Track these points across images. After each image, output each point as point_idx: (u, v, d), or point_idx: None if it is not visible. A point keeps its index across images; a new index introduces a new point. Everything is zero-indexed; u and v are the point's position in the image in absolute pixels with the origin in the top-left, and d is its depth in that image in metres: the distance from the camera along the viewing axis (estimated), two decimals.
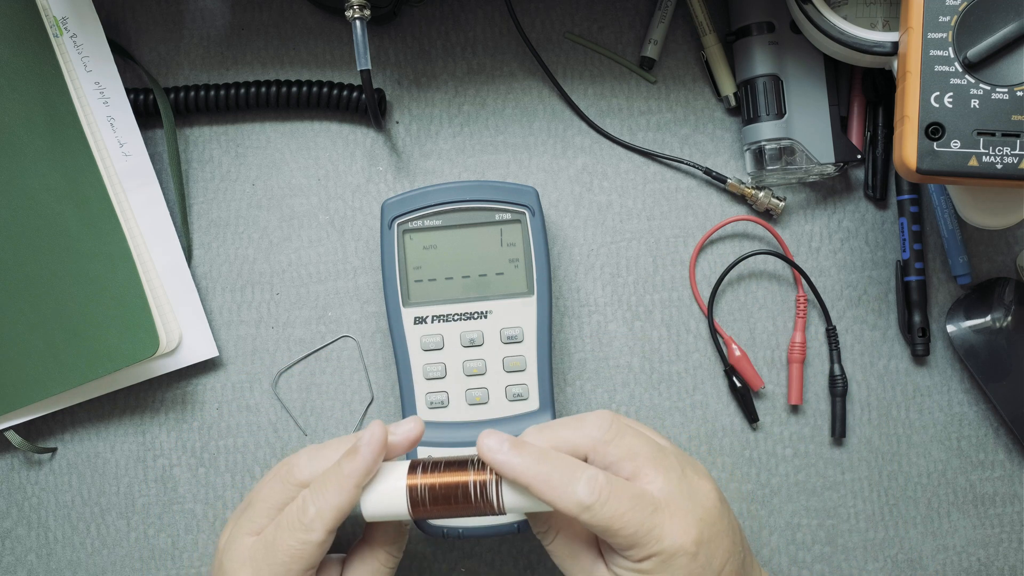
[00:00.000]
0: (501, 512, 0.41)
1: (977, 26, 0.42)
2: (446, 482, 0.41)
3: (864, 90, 0.54)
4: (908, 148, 0.42)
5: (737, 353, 0.53)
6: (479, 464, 0.42)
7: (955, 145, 0.42)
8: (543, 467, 0.40)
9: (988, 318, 0.53)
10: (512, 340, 0.49)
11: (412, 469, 0.42)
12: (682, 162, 0.54)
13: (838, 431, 0.53)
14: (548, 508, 0.41)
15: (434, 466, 0.42)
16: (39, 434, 0.54)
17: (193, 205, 0.55)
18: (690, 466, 0.43)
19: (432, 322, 0.49)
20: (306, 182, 0.55)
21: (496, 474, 0.41)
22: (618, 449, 0.41)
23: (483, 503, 0.41)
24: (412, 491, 0.41)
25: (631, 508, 0.39)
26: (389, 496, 0.42)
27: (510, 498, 0.41)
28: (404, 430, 0.43)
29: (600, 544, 0.43)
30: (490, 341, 0.49)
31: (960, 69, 0.42)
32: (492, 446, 0.41)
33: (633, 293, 0.54)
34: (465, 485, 0.41)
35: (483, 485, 0.41)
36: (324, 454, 0.44)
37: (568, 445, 0.42)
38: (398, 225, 0.50)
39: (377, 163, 0.55)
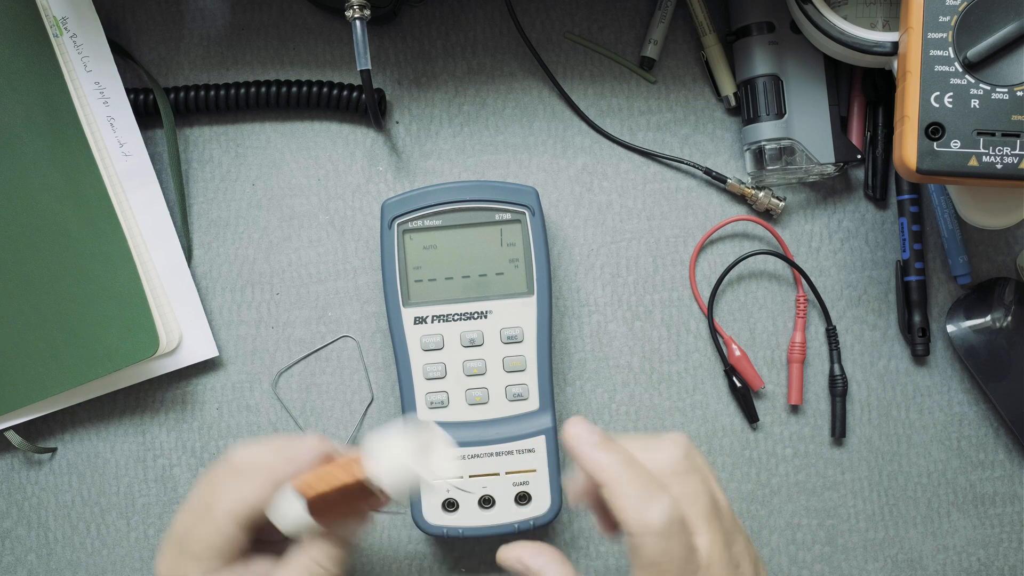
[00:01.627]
0: (388, 498, 0.40)
1: (977, 26, 0.42)
2: (333, 487, 0.40)
3: (864, 90, 0.54)
4: (908, 148, 0.42)
5: (737, 353, 0.53)
6: (352, 459, 0.41)
7: (955, 145, 0.42)
8: (627, 472, 0.38)
9: (988, 318, 0.53)
10: (512, 340, 0.49)
11: (301, 482, 0.41)
12: (682, 162, 0.54)
13: (838, 431, 0.53)
14: (413, 488, 0.40)
15: (317, 472, 0.41)
16: (39, 434, 0.54)
17: (193, 205, 0.55)
18: (740, 536, 0.40)
19: (432, 322, 0.49)
20: (306, 182, 0.55)
21: (366, 464, 0.40)
22: (682, 487, 0.39)
23: (371, 493, 0.40)
24: (312, 507, 0.41)
25: (681, 557, 0.37)
26: (296, 516, 0.41)
27: (388, 485, 0.40)
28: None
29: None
30: (490, 341, 0.49)
31: (960, 69, 0.42)
32: (580, 435, 0.39)
33: (633, 293, 0.54)
34: (349, 486, 0.40)
35: (363, 478, 0.40)
36: (245, 486, 0.41)
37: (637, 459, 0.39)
38: (398, 225, 0.50)
39: (377, 163, 0.55)
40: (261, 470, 0.41)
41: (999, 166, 0.42)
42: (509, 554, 0.42)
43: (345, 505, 0.41)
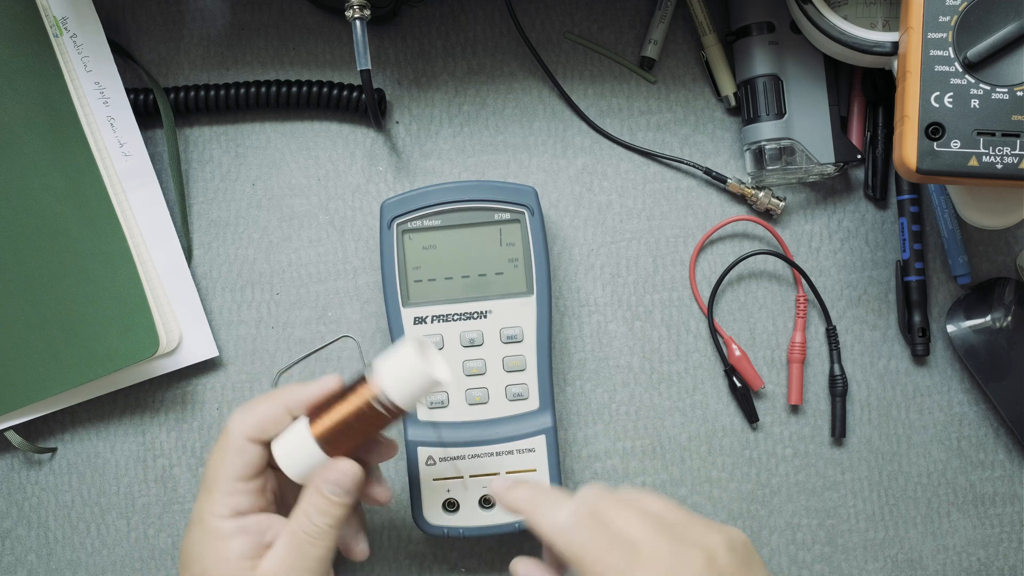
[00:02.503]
0: (402, 411, 0.42)
1: (977, 26, 0.42)
2: (344, 416, 0.42)
3: (864, 90, 0.54)
4: (908, 148, 0.42)
5: (737, 353, 0.53)
6: (358, 384, 0.43)
7: (955, 145, 0.42)
8: (534, 494, 0.42)
9: (988, 318, 0.52)
10: (512, 340, 0.49)
11: (312, 420, 0.43)
12: (682, 162, 0.54)
13: (838, 431, 0.53)
14: (432, 379, 0.41)
15: (326, 408, 0.43)
16: (39, 434, 0.54)
17: (193, 205, 0.55)
18: (698, 527, 0.40)
19: (432, 322, 0.49)
20: (306, 182, 0.55)
21: (375, 382, 0.42)
22: (615, 513, 0.41)
23: (382, 412, 0.42)
24: (322, 441, 0.43)
25: (606, 545, 0.38)
26: (306, 455, 0.43)
27: (398, 395, 0.42)
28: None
29: None
30: (490, 341, 0.49)
31: (960, 69, 0.42)
32: (497, 484, 0.43)
33: (633, 293, 0.54)
34: (360, 410, 0.42)
35: (372, 398, 0.42)
36: (257, 407, 0.44)
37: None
38: (397, 225, 0.50)
39: (377, 163, 0.55)
40: (273, 395, 0.44)
41: (999, 166, 0.42)
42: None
43: (357, 433, 0.42)
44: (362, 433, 0.43)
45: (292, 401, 0.44)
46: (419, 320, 0.49)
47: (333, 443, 0.43)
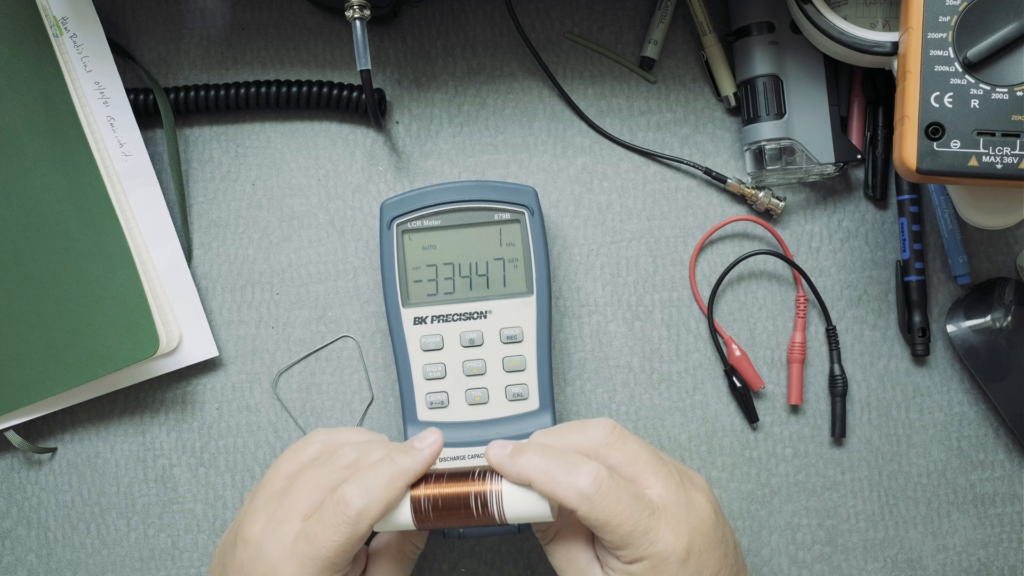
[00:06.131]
0: (503, 523, 0.42)
1: (977, 26, 0.42)
2: (448, 493, 0.42)
3: (864, 90, 0.54)
4: (908, 148, 0.42)
5: (737, 353, 0.53)
6: (481, 475, 0.42)
7: (955, 145, 0.42)
8: (544, 461, 0.41)
9: (988, 318, 0.52)
10: (512, 340, 0.49)
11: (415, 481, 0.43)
12: (682, 162, 0.54)
13: (838, 431, 0.53)
14: (549, 518, 0.42)
15: (437, 478, 0.42)
16: (39, 434, 0.54)
17: (193, 205, 0.55)
18: (688, 478, 0.44)
19: (432, 322, 0.49)
20: (306, 182, 0.55)
21: (497, 486, 0.42)
22: (620, 453, 0.42)
23: (484, 514, 0.42)
24: (415, 502, 0.42)
25: (629, 506, 0.40)
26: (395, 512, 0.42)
27: (511, 509, 0.42)
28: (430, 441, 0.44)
29: (596, 547, 0.43)
30: (490, 341, 0.49)
31: (960, 69, 0.42)
32: (497, 452, 0.42)
33: (633, 293, 0.54)
34: (467, 496, 0.42)
35: (484, 496, 0.42)
36: (371, 448, 0.43)
37: (571, 447, 0.43)
38: (397, 225, 0.50)
39: (377, 163, 0.55)
40: (394, 475, 0.41)
41: (999, 166, 0.42)
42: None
43: (447, 514, 0.42)
44: (450, 514, 0.42)
45: (412, 478, 0.42)
46: (419, 320, 0.49)
47: (424, 517, 0.42)
